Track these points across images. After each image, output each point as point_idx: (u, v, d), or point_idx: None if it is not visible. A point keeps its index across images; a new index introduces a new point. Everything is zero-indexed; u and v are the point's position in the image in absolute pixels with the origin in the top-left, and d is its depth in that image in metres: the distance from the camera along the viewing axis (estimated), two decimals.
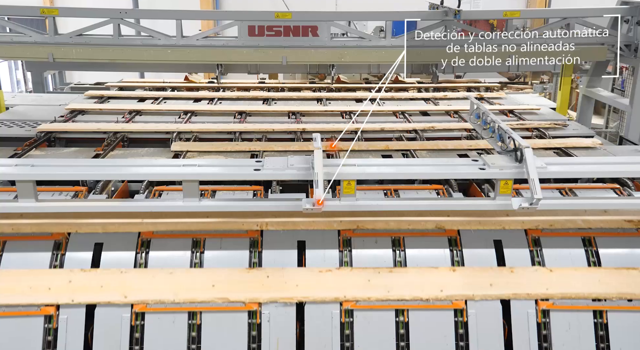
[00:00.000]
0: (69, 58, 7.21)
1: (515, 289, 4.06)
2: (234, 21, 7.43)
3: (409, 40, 7.40)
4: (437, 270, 4.14)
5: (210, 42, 7.40)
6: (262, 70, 8.87)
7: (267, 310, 3.99)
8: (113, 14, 7.16)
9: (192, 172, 4.06)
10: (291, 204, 4.07)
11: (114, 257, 4.15)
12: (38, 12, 7.31)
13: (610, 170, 4.31)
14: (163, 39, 7.27)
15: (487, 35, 7.54)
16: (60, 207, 4.11)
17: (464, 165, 4.27)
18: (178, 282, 3.99)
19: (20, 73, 16.44)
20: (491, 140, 4.68)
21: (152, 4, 16.32)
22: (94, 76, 11.62)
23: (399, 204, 4.26)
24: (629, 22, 7.58)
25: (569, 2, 14.68)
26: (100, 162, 4.75)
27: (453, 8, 7.27)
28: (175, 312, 3.99)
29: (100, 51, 7.15)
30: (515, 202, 3.97)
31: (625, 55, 7.62)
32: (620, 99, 8.21)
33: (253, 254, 4.20)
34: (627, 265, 4.17)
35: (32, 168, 4.01)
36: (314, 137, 4.17)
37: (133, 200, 4.34)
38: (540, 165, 4.01)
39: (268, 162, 4.12)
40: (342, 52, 7.36)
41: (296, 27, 7.28)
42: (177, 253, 4.19)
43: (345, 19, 8.65)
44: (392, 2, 10.12)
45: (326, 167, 3.91)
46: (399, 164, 4.55)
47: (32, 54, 7.26)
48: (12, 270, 4.03)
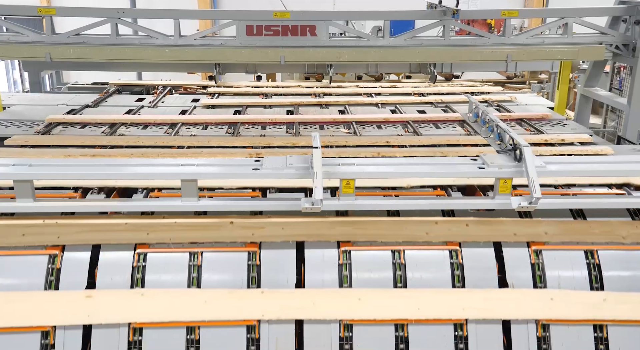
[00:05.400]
0: (66, 58, 7.20)
1: None
2: (232, 21, 7.42)
3: (407, 39, 7.42)
4: None
5: (208, 42, 7.39)
6: (260, 69, 8.88)
7: None
8: (110, 14, 7.15)
9: (190, 171, 4.04)
10: (290, 203, 4.07)
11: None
12: (35, 12, 7.29)
13: (610, 169, 4.30)
14: (161, 38, 7.25)
15: (485, 34, 7.57)
16: (58, 207, 4.09)
17: (463, 164, 4.26)
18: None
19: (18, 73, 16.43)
20: (490, 139, 4.68)
21: (150, 4, 16.32)
22: (92, 76, 11.61)
23: (398, 203, 4.25)
24: (626, 22, 7.60)
25: (566, 1, 14.71)
26: (97, 161, 4.72)
27: (451, 8, 7.28)
28: None
29: (98, 51, 7.14)
30: (514, 201, 3.97)
31: (623, 55, 7.63)
32: (618, 98, 8.21)
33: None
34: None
35: (29, 168, 3.99)
36: (313, 136, 4.16)
37: (131, 200, 4.31)
38: (539, 165, 4.01)
39: (267, 162, 4.11)
40: (340, 51, 7.37)
41: (294, 26, 7.28)
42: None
43: (343, 18, 8.64)
44: (390, 1, 10.13)
45: (325, 166, 3.90)
46: (398, 164, 4.54)
47: (29, 54, 7.24)
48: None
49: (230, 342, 3.92)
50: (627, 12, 7.52)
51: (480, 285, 4.06)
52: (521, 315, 3.95)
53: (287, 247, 4.11)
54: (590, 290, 4.05)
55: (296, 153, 4.48)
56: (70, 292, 3.93)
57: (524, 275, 4.09)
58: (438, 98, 8.18)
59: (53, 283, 3.95)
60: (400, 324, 3.96)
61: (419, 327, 3.96)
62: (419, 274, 4.08)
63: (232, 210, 4.20)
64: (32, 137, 6.18)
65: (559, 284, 4.07)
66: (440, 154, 5.42)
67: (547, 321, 3.96)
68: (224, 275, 4.05)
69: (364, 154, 5.43)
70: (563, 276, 4.08)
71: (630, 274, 4.11)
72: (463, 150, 5.48)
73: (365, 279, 4.06)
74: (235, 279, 4.03)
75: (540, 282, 4.08)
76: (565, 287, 4.05)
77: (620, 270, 4.11)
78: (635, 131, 7.42)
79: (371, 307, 3.92)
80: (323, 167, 3.85)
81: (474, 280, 4.07)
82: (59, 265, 3.98)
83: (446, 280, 4.08)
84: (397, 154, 5.45)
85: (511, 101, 8.17)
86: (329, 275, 4.06)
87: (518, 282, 4.07)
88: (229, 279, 4.03)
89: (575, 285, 4.06)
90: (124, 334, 3.87)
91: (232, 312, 3.89)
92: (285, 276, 4.04)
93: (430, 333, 3.96)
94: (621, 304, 3.94)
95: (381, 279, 4.06)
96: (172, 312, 3.87)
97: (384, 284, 4.05)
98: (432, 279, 4.08)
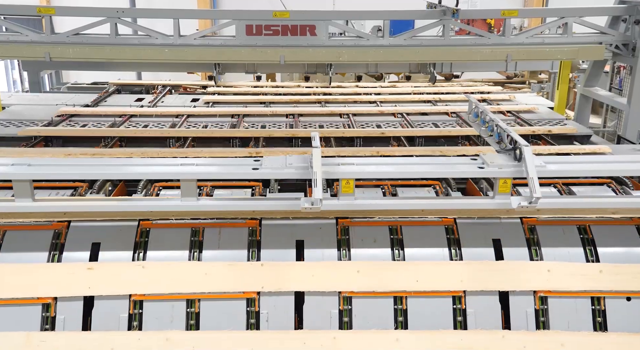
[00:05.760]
0: (66, 57, 7.18)
1: None
2: (232, 20, 7.41)
3: (406, 39, 7.42)
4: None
5: (207, 42, 7.38)
6: (260, 69, 8.86)
7: None
8: (110, 13, 7.14)
9: (189, 171, 4.04)
10: (290, 203, 4.07)
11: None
12: (35, 11, 7.28)
13: (609, 169, 4.30)
14: (160, 38, 7.24)
15: (484, 34, 7.57)
16: (57, 207, 4.09)
17: (463, 164, 4.26)
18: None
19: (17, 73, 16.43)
20: (490, 139, 4.68)
21: (150, 3, 16.31)
22: (91, 76, 11.61)
23: (398, 203, 4.25)
24: (626, 22, 7.59)
25: (566, 1, 14.71)
26: (97, 161, 4.72)
27: (451, 7, 7.26)
28: None
29: (97, 50, 7.12)
30: (514, 201, 3.97)
31: (623, 54, 7.63)
32: (617, 98, 8.21)
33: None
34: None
35: (28, 167, 3.98)
36: (313, 136, 4.15)
37: (131, 199, 4.31)
38: (539, 164, 4.01)
39: (266, 161, 4.11)
40: (339, 51, 7.35)
41: (294, 26, 7.26)
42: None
43: (343, 18, 8.64)
44: (390, 1, 10.11)
45: (325, 166, 3.90)
46: (397, 163, 4.54)
47: (28, 54, 7.23)
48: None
49: (230, 315, 3.97)
50: (626, 11, 7.51)
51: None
52: (518, 286, 4.01)
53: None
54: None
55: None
56: (72, 264, 4.01)
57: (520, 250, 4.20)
58: (437, 97, 8.29)
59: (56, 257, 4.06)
60: (399, 297, 4.02)
61: (418, 300, 4.02)
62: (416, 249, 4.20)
63: (232, 210, 4.20)
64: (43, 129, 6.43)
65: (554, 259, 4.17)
66: (439, 153, 5.46)
67: (544, 293, 4.02)
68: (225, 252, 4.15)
69: (362, 153, 5.49)
70: (558, 253, 4.19)
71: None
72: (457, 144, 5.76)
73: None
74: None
75: (537, 256, 4.18)
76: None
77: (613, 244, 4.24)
78: (635, 131, 7.42)
79: (370, 279, 3.98)
80: (322, 166, 3.85)
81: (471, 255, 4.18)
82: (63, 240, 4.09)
83: (443, 256, 4.18)
84: (396, 153, 5.50)
85: (510, 100, 8.21)
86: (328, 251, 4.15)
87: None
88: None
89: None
90: (124, 306, 3.91)
91: (233, 284, 3.94)
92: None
93: (429, 306, 4.02)
94: (617, 275, 4.04)
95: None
96: (173, 284, 3.93)
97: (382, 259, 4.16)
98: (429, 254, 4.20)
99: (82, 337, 3.83)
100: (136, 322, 3.94)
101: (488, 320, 4.03)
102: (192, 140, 6.22)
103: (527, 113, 7.51)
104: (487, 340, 3.87)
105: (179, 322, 3.96)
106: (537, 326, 4.02)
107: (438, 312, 4.03)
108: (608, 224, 4.33)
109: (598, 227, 4.30)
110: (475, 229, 4.29)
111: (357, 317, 4.00)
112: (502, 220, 4.32)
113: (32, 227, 4.16)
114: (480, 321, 4.02)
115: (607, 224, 4.33)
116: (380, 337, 3.89)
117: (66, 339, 3.80)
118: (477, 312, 4.03)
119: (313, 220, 4.26)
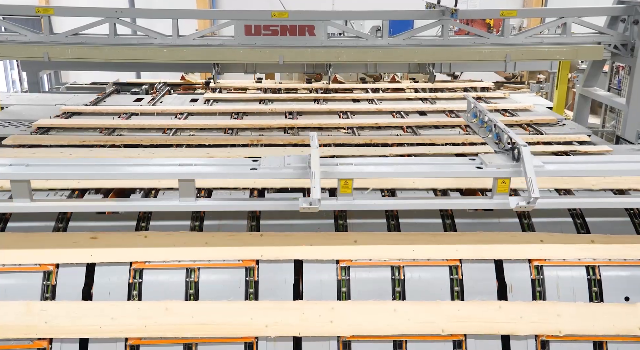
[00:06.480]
0: (65, 57, 7.19)
1: None
2: (231, 20, 7.41)
3: (405, 39, 7.42)
4: None
5: (206, 42, 7.38)
6: (259, 69, 8.86)
7: None
8: (109, 13, 7.14)
9: (188, 171, 4.03)
10: (288, 203, 4.06)
11: None
12: (33, 11, 7.29)
13: (608, 169, 4.30)
14: (159, 38, 7.24)
15: (484, 34, 7.57)
16: (55, 207, 4.09)
17: (462, 164, 4.25)
18: None
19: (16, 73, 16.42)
20: (488, 139, 4.67)
21: (149, 3, 16.30)
22: (90, 76, 11.61)
23: (398, 203, 4.25)
24: (625, 22, 7.60)
25: (565, 1, 14.71)
26: (95, 161, 4.71)
27: (450, 7, 7.27)
28: None
29: (96, 51, 7.12)
30: (512, 201, 3.96)
31: (622, 55, 7.63)
32: (616, 98, 8.21)
33: None
34: None
35: (26, 168, 3.98)
36: (311, 136, 4.15)
37: (129, 200, 4.31)
38: (537, 164, 4.00)
39: (265, 162, 4.10)
40: (339, 51, 7.36)
41: (293, 26, 7.27)
42: None
43: (342, 18, 8.64)
44: (389, 1, 10.12)
45: (323, 166, 3.89)
46: (396, 163, 4.54)
47: (27, 54, 7.23)
48: None
49: (229, 285, 3.99)
50: (625, 12, 7.52)
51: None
52: (512, 255, 4.07)
53: None
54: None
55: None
56: (76, 233, 4.10)
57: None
58: (433, 94, 8.40)
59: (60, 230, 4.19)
60: (397, 267, 4.05)
61: (415, 269, 4.06)
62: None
63: (230, 210, 4.20)
64: (55, 121, 6.70)
65: None
66: (429, 141, 5.62)
67: (539, 262, 4.06)
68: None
69: (357, 141, 5.61)
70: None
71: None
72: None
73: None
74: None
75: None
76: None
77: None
78: (634, 131, 7.42)
79: (367, 248, 4.05)
80: (321, 166, 3.84)
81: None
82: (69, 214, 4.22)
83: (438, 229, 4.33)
84: (388, 141, 5.84)
85: (505, 97, 8.25)
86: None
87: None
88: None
89: None
90: (124, 276, 3.93)
91: (232, 252, 3.99)
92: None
93: (426, 275, 4.05)
94: (608, 244, 4.11)
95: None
96: (173, 253, 3.97)
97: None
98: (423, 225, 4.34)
99: (82, 306, 3.83)
100: (136, 291, 3.94)
101: (484, 291, 4.06)
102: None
103: (524, 111, 7.53)
104: (483, 311, 3.90)
105: (178, 291, 3.96)
106: (534, 297, 4.04)
107: (435, 282, 4.06)
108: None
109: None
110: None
111: (355, 288, 4.03)
112: None
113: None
114: (476, 290, 4.06)
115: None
116: (378, 308, 3.91)
117: (66, 309, 3.80)
118: (473, 280, 4.06)
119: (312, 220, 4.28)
